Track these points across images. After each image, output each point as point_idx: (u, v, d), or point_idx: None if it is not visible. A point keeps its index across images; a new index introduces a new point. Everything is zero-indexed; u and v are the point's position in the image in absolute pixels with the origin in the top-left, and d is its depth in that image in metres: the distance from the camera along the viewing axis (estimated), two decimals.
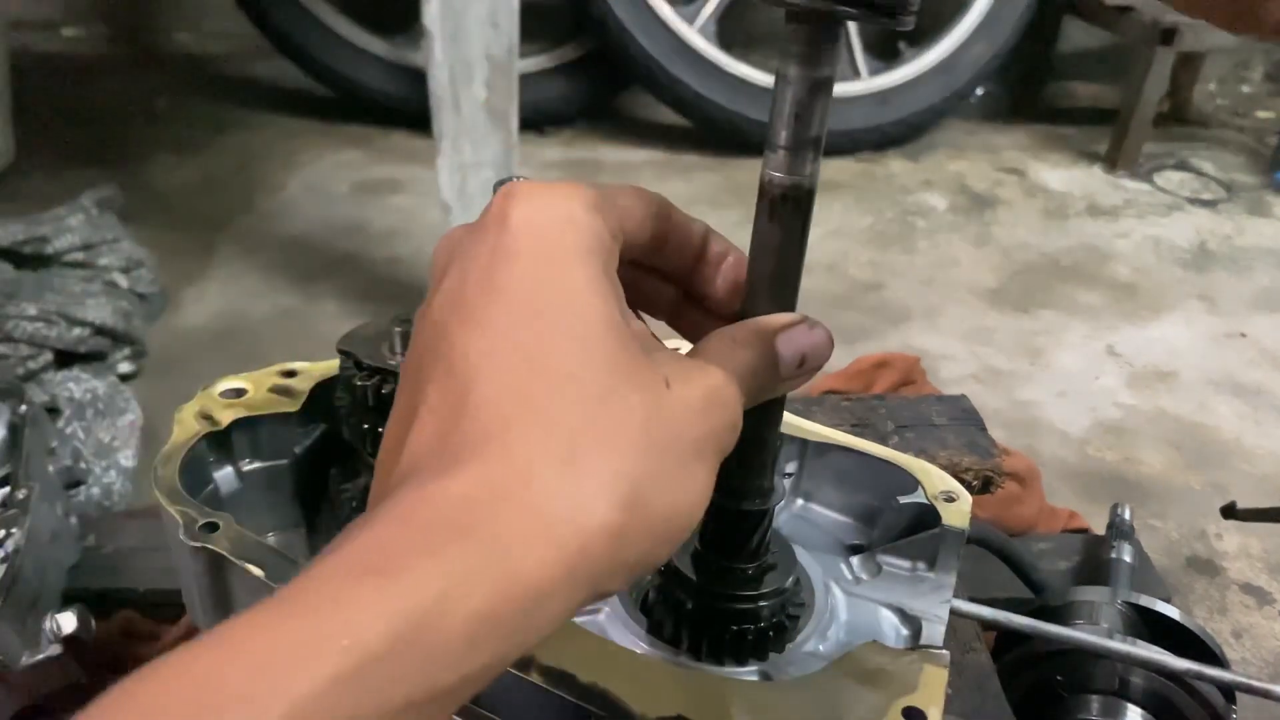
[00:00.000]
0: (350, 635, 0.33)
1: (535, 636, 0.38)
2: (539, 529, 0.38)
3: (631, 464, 0.41)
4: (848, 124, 3.05)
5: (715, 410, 0.45)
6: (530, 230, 0.44)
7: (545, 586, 0.37)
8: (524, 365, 0.42)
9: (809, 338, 0.51)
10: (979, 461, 1.21)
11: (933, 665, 0.60)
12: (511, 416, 0.40)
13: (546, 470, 0.39)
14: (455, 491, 0.38)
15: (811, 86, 0.48)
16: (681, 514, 0.43)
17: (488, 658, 0.37)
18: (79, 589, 1.10)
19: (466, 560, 0.36)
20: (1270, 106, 3.79)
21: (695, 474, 0.44)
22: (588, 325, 0.43)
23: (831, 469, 0.81)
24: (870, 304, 2.36)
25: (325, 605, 0.34)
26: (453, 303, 0.45)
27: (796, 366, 0.51)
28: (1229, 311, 2.42)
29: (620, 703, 0.55)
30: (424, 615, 0.35)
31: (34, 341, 1.74)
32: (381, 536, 0.37)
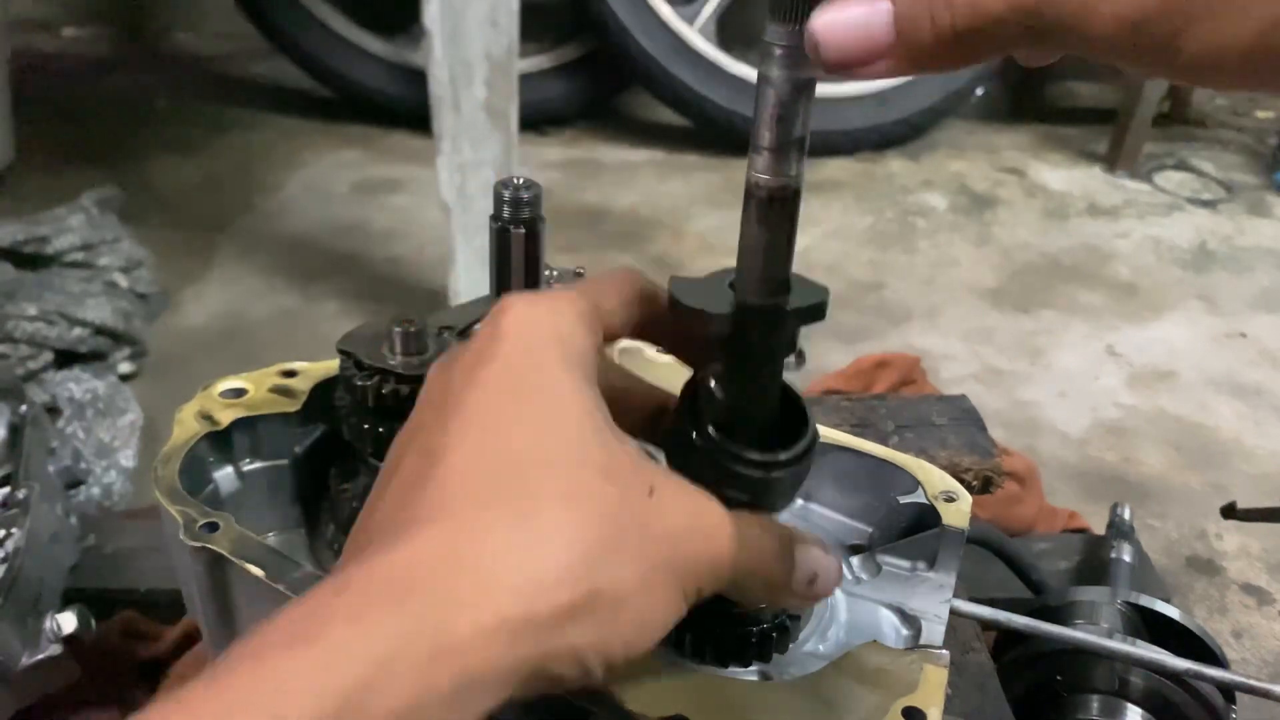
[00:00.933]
0: (277, 707, 0.33)
1: (473, 713, 0.37)
2: (481, 593, 0.37)
3: (589, 549, 0.40)
4: (847, 124, 3.05)
5: (697, 538, 0.45)
6: (518, 333, 0.46)
7: (483, 657, 0.37)
8: (496, 448, 0.42)
9: (826, 562, 0.52)
10: (979, 461, 1.21)
11: (933, 665, 0.60)
12: (474, 490, 0.40)
13: (498, 538, 0.39)
14: (400, 558, 0.38)
15: (794, 87, 0.48)
16: (640, 619, 0.42)
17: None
18: (79, 589, 1.10)
19: (401, 625, 0.36)
20: (1270, 106, 3.79)
21: (659, 588, 0.43)
22: (567, 419, 0.43)
23: (832, 469, 0.81)
24: (870, 304, 2.36)
25: (252, 677, 0.34)
26: (440, 393, 0.46)
27: (807, 584, 0.51)
28: (1229, 311, 2.42)
29: (620, 703, 0.55)
30: (352, 688, 0.34)
31: (34, 341, 1.74)
32: (315, 605, 0.37)
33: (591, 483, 0.42)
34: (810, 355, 2.03)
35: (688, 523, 0.45)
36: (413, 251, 2.42)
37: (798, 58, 0.47)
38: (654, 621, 0.43)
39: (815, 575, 0.51)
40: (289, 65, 3.11)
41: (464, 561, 0.38)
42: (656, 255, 2.49)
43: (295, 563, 0.65)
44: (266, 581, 0.64)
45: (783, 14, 0.46)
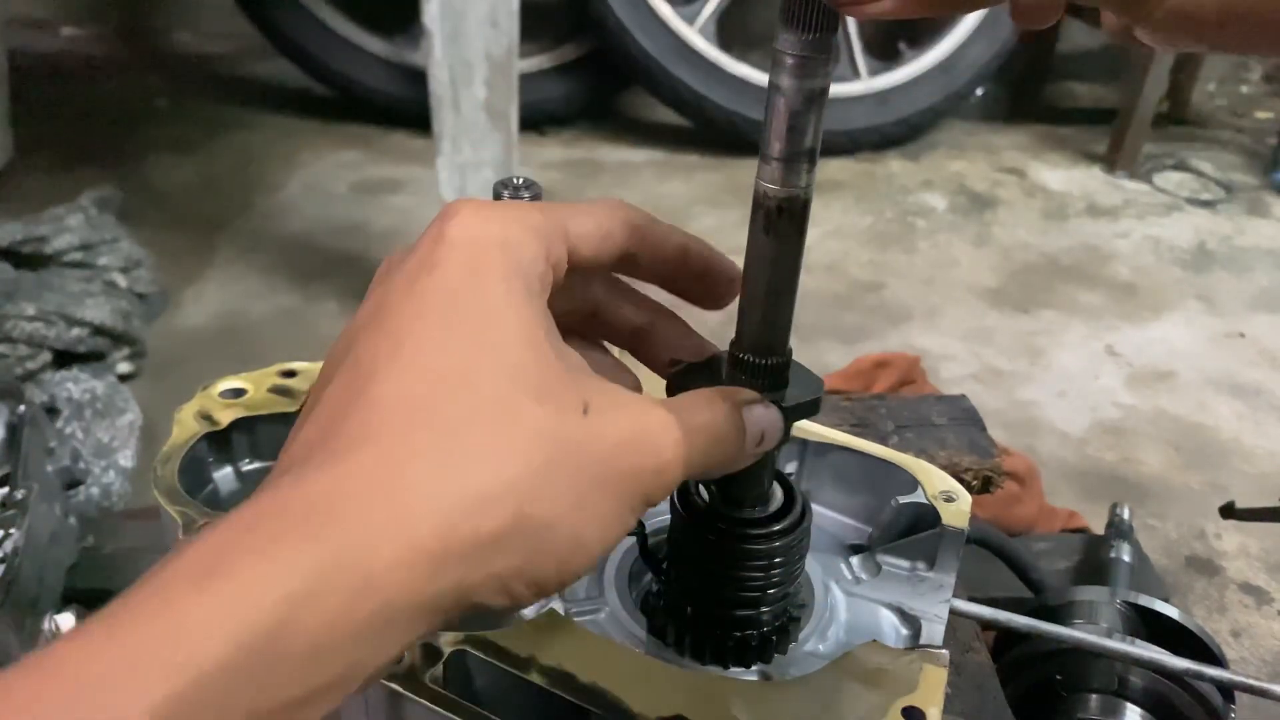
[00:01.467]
0: (184, 651, 0.32)
1: (396, 645, 0.37)
2: (400, 524, 0.36)
3: (517, 474, 0.39)
4: (848, 124, 3.05)
5: (636, 450, 0.44)
6: (459, 245, 0.44)
7: (404, 589, 0.36)
8: (424, 370, 0.41)
9: (768, 416, 0.52)
10: (978, 461, 1.21)
11: (932, 665, 0.60)
12: (399, 416, 0.39)
13: (420, 468, 0.38)
14: (318, 488, 0.37)
15: (806, 97, 0.47)
16: (574, 542, 0.41)
17: (340, 668, 0.35)
18: (78, 589, 1.10)
19: (316, 559, 0.35)
20: (1269, 107, 3.79)
21: (597, 506, 0.42)
22: (499, 337, 0.42)
23: (831, 469, 0.81)
24: (870, 304, 2.36)
25: (158, 618, 0.33)
26: (375, 307, 0.44)
27: (757, 443, 0.51)
28: (1228, 311, 2.42)
29: (620, 703, 0.55)
30: (265, 626, 0.33)
31: (33, 341, 1.74)
32: (226, 538, 0.35)
33: (521, 404, 0.40)
34: (810, 355, 2.03)
35: (627, 437, 0.43)
36: None
37: (810, 67, 0.46)
38: (591, 541, 0.42)
39: (762, 434, 0.51)
40: (289, 65, 3.11)
41: (382, 490, 0.37)
42: None
43: None
44: None
45: (796, 23, 0.45)
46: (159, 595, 0.34)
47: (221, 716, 0.32)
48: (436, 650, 0.58)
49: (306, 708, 0.35)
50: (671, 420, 0.45)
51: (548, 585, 0.41)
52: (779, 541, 0.61)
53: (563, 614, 0.65)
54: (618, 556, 0.71)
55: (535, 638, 0.60)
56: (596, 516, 0.42)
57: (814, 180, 0.51)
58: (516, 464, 0.39)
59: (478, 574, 0.38)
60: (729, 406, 0.50)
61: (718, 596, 0.63)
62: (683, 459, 0.45)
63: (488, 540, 0.38)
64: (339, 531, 0.36)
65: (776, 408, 0.53)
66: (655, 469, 0.44)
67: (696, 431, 0.46)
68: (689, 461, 0.46)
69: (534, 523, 0.39)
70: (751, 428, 0.50)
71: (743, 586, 0.62)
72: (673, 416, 0.46)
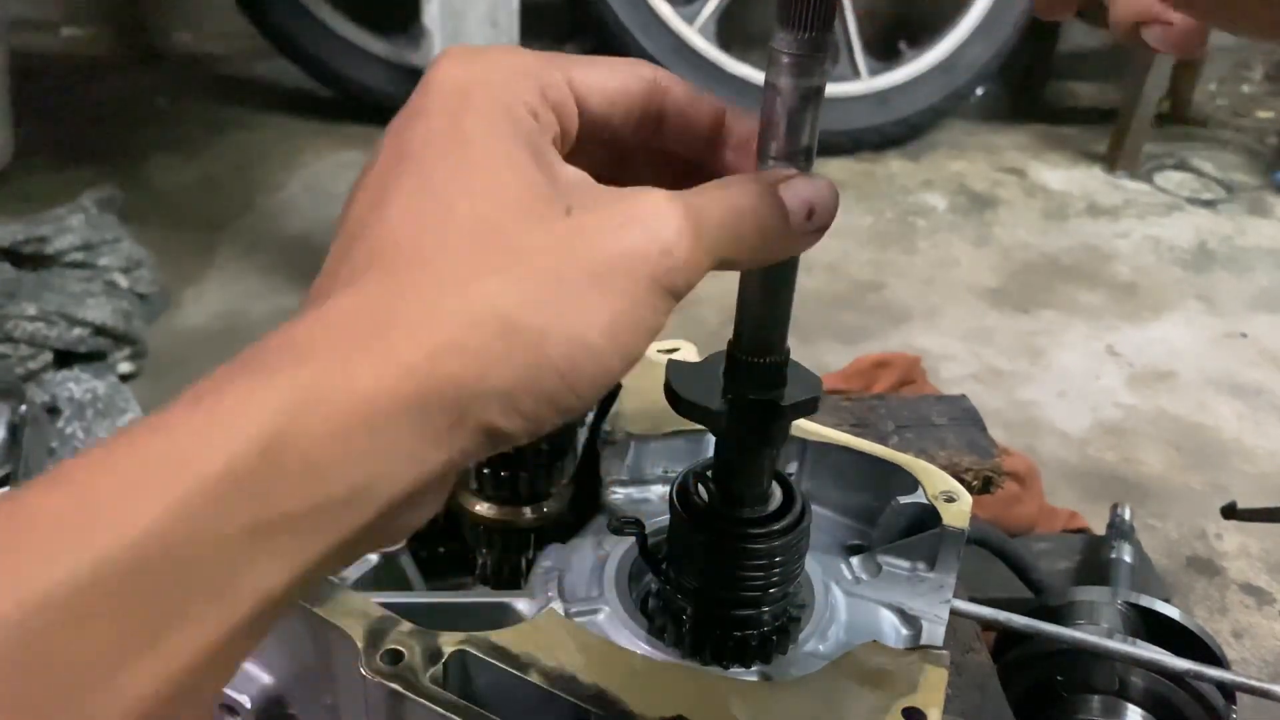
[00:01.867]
0: (181, 464, 0.33)
1: (403, 469, 0.37)
2: (384, 348, 0.37)
3: (499, 288, 0.39)
4: (848, 124, 3.05)
5: (627, 235, 0.41)
6: (441, 90, 0.44)
7: (391, 402, 0.36)
8: (405, 211, 0.41)
9: (812, 187, 0.47)
10: (979, 461, 1.21)
11: (933, 665, 0.60)
12: (381, 259, 0.40)
13: (403, 299, 0.38)
14: (302, 328, 0.38)
15: (803, 95, 0.47)
16: (575, 346, 0.39)
17: (341, 488, 0.35)
18: None
19: (304, 379, 0.35)
20: (1270, 106, 3.79)
21: (596, 305, 0.40)
22: (477, 163, 0.42)
23: (831, 469, 0.81)
24: (870, 304, 2.36)
25: (156, 437, 0.34)
26: (367, 166, 0.45)
27: (805, 218, 0.46)
28: (1229, 312, 2.42)
29: (620, 703, 0.56)
30: (259, 440, 0.34)
31: (34, 341, 1.74)
32: (218, 373, 0.36)
33: (500, 221, 0.40)
34: (810, 355, 2.03)
35: (615, 224, 0.42)
36: None
37: (807, 65, 0.46)
38: (598, 342, 0.40)
39: (811, 205, 0.46)
40: (289, 65, 3.11)
41: (366, 322, 0.38)
42: None
43: None
44: None
45: (792, 22, 0.46)
46: (157, 420, 0.35)
47: (221, 525, 0.33)
48: (437, 650, 0.59)
49: (309, 523, 0.35)
50: (669, 200, 0.43)
51: (560, 398, 0.40)
52: (778, 541, 0.61)
53: (563, 614, 0.65)
54: (618, 557, 0.71)
55: (535, 638, 0.60)
56: (599, 315, 0.40)
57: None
58: (497, 279, 0.39)
59: (476, 392, 0.38)
60: (760, 186, 0.46)
61: (717, 596, 0.63)
62: (693, 235, 0.42)
63: (477, 356, 0.37)
64: (325, 356, 0.36)
65: (826, 180, 0.47)
66: (661, 250, 0.41)
67: (709, 207, 0.44)
68: (706, 238, 0.43)
69: (525, 333, 0.38)
70: (794, 202, 0.46)
71: (742, 586, 0.62)
72: (673, 198, 0.43)
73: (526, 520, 0.73)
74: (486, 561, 0.76)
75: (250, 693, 0.71)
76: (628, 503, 0.79)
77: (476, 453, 0.39)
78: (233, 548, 0.34)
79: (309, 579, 0.36)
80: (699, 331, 0.59)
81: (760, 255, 0.47)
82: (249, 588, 0.34)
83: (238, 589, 0.34)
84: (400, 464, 0.37)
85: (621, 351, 0.41)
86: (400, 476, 0.37)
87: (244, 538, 0.34)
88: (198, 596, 0.33)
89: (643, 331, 0.42)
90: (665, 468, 0.80)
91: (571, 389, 0.40)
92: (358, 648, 0.59)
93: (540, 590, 0.68)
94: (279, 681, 0.71)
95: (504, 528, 0.74)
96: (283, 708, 0.72)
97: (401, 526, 0.40)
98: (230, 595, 0.34)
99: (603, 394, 0.42)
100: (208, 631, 0.33)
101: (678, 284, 0.42)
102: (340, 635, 0.60)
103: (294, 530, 0.35)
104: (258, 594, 0.34)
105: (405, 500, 0.38)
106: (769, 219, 0.45)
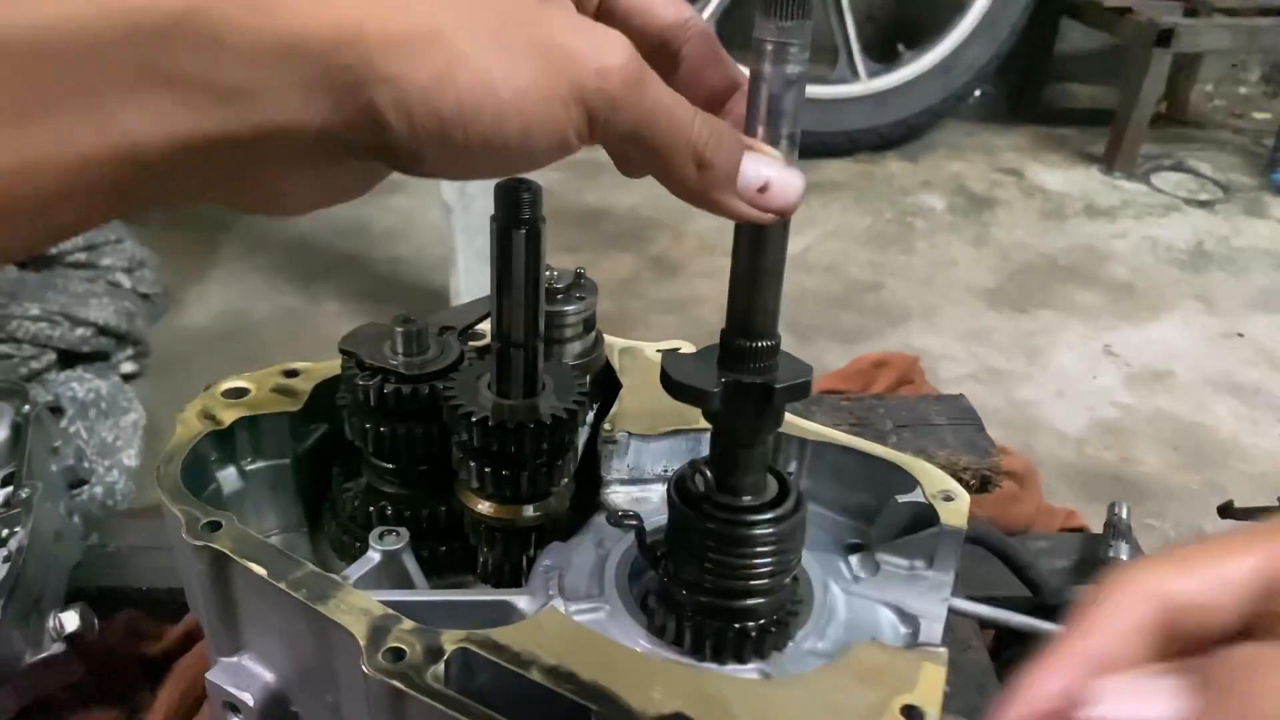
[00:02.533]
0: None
1: (278, 88, 0.37)
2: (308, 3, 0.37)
3: (451, 3, 0.39)
4: (846, 125, 3.05)
5: (578, 35, 0.41)
6: None
7: (298, 33, 0.36)
8: None
9: (778, 170, 0.47)
10: (977, 460, 1.22)
11: (931, 663, 0.61)
12: None
13: None
14: None
15: (785, 81, 0.49)
16: (484, 85, 0.39)
17: (231, 80, 0.36)
18: (82, 588, 1.10)
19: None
20: (1267, 108, 3.80)
21: (521, 65, 0.39)
22: None
23: (830, 468, 0.81)
24: (869, 304, 2.36)
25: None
26: None
27: (757, 190, 0.46)
28: (1226, 312, 2.42)
29: (620, 701, 0.56)
30: (186, 3, 0.35)
31: (37, 341, 1.74)
32: None
33: None
34: (809, 355, 2.03)
35: (572, 23, 0.41)
36: (413, 251, 2.42)
37: (788, 53, 0.48)
38: (505, 97, 0.39)
39: (768, 183, 0.46)
40: None
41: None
42: (656, 255, 2.50)
43: (297, 561, 0.65)
44: (268, 580, 0.64)
45: (773, 9, 0.47)
46: None
47: (115, 53, 0.35)
48: (439, 648, 0.59)
49: (194, 97, 0.36)
50: (632, 48, 0.42)
51: (450, 129, 0.39)
52: (774, 528, 0.62)
53: (563, 612, 0.65)
54: (618, 555, 0.71)
55: (536, 636, 0.60)
56: (517, 77, 0.39)
57: (795, 164, 0.52)
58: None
59: (379, 68, 0.37)
60: (726, 127, 0.45)
61: (715, 586, 0.63)
62: (633, 85, 0.41)
63: (397, 39, 0.38)
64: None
65: (797, 173, 0.48)
66: (598, 69, 0.41)
67: (667, 90, 0.43)
68: (642, 101, 0.42)
69: (449, 47, 0.38)
70: (752, 169, 0.46)
71: (739, 575, 0.63)
72: (637, 53, 0.42)
73: (527, 519, 0.74)
74: (487, 560, 0.76)
75: (252, 690, 0.72)
76: (628, 502, 0.79)
77: (356, 137, 0.39)
78: (115, 80, 0.35)
79: (181, 155, 0.37)
80: (699, 331, 0.59)
81: (689, 181, 0.45)
82: (119, 126, 0.35)
83: (107, 119, 0.35)
84: (288, 92, 0.37)
85: (521, 123, 0.40)
86: (284, 104, 0.37)
87: (129, 76, 0.35)
88: (66, 106, 0.34)
89: (548, 124, 0.41)
90: (665, 467, 0.81)
91: (463, 124, 0.39)
92: (359, 645, 0.59)
93: (541, 588, 0.69)
94: (281, 680, 0.72)
95: (505, 526, 0.74)
96: (285, 706, 0.73)
97: (271, 175, 0.40)
98: (99, 122, 0.35)
99: (490, 164, 0.42)
100: (69, 143, 0.35)
101: (596, 107, 0.41)
102: (342, 633, 0.61)
103: (177, 92, 0.36)
104: (127, 138, 0.35)
105: (281, 134, 0.38)
106: (715, 155, 0.44)
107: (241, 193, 0.41)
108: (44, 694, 0.98)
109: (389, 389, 0.75)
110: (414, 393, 0.75)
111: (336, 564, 0.82)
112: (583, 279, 0.83)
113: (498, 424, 0.68)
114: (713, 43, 0.52)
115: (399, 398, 0.75)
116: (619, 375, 0.87)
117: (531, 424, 0.69)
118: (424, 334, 0.77)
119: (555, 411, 0.70)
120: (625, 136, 0.43)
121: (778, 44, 0.48)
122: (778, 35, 0.48)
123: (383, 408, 0.75)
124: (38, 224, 0.36)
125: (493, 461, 0.71)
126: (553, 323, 0.80)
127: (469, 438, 0.70)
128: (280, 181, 0.41)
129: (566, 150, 0.42)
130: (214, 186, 0.40)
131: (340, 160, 0.41)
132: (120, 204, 0.38)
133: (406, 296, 2.22)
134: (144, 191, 0.38)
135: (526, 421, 0.69)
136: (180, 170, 0.37)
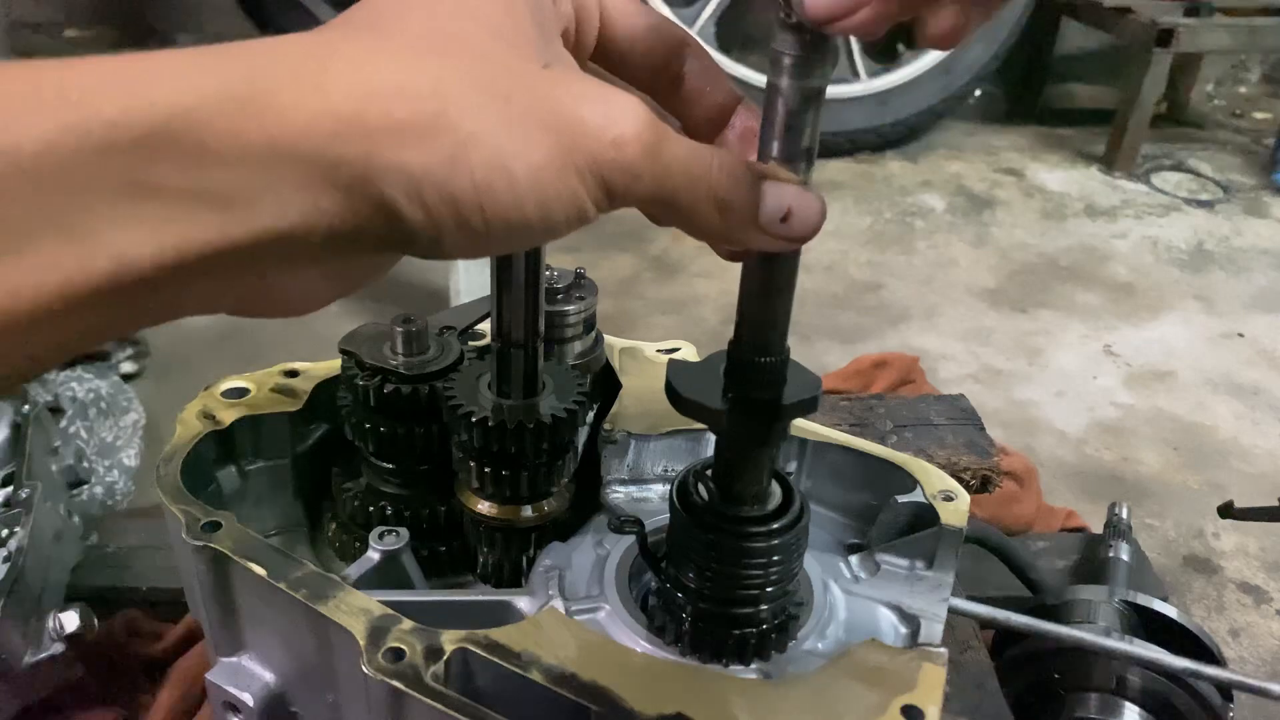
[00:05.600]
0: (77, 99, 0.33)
1: (277, 189, 0.36)
2: (313, 81, 0.36)
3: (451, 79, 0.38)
4: (846, 125, 3.05)
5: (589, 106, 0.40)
6: None
7: (295, 133, 0.35)
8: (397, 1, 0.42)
9: (799, 196, 0.46)
10: (977, 461, 1.22)
11: (931, 663, 0.61)
12: (356, 21, 0.41)
13: (355, 52, 0.39)
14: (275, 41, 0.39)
15: (804, 96, 0.47)
16: (497, 165, 0.38)
17: (223, 184, 0.35)
18: (82, 587, 1.10)
19: (233, 75, 0.36)
20: (1267, 108, 3.80)
21: (534, 143, 0.38)
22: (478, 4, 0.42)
23: (830, 468, 0.81)
24: (869, 304, 2.36)
25: (70, 71, 0.34)
26: None
27: (779, 220, 0.45)
28: (1226, 312, 2.42)
29: (620, 701, 0.56)
30: (168, 110, 0.34)
31: None
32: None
33: (477, 35, 0.40)
34: (809, 355, 2.03)
35: (583, 92, 0.40)
36: None
37: (808, 67, 0.47)
38: (520, 175, 0.38)
39: (790, 210, 0.45)
40: None
41: (316, 53, 0.38)
42: (656, 255, 2.50)
43: (297, 561, 0.65)
44: (268, 580, 0.64)
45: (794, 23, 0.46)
46: (84, 60, 0.34)
47: (97, 169, 0.33)
48: (439, 648, 0.59)
49: (183, 206, 0.34)
50: (646, 110, 0.41)
51: (466, 211, 0.38)
52: (778, 539, 0.62)
53: (563, 613, 0.65)
54: (618, 555, 0.71)
55: (536, 636, 0.60)
56: (531, 153, 0.38)
57: (811, 179, 0.51)
58: (453, 72, 0.38)
59: (387, 160, 0.36)
60: (742, 165, 0.44)
61: (717, 594, 0.63)
62: (650, 150, 0.41)
63: (402, 126, 0.37)
64: (263, 69, 0.36)
65: (818, 196, 0.47)
66: (613, 139, 0.40)
67: (681, 143, 0.42)
68: (659, 162, 0.41)
69: (456, 129, 0.37)
70: (773, 199, 0.45)
71: (742, 584, 0.63)
72: (650, 112, 0.41)
73: (527, 519, 0.74)
74: (487, 560, 0.76)
75: (252, 690, 0.72)
76: (628, 502, 0.79)
77: (368, 230, 0.38)
78: (100, 196, 0.33)
79: (175, 269, 0.35)
80: (699, 331, 0.59)
81: (713, 227, 0.45)
82: (108, 244, 0.33)
83: (96, 240, 0.33)
84: (289, 194, 0.36)
85: (538, 199, 0.39)
86: (285, 207, 0.36)
87: (114, 191, 0.33)
88: (51, 230, 0.33)
89: (565, 198, 0.40)
90: (665, 467, 0.81)
91: (480, 207, 0.38)
92: (359, 646, 0.59)
93: (541, 589, 0.69)
94: (281, 680, 0.72)
95: (505, 526, 0.74)
96: (285, 706, 0.73)
97: (276, 279, 0.39)
98: (88, 244, 0.33)
99: (509, 242, 0.41)
100: (58, 269, 0.33)
101: (613, 181, 0.40)
102: (342, 633, 0.61)
103: (166, 204, 0.34)
104: (118, 255, 0.34)
105: (286, 238, 0.36)
106: (734, 196, 0.44)
107: (245, 299, 0.40)
108: (44, 694, 0.98)
109: (389, 389, 0.75)
110: (414, 393, 0.75)
111: (336, 564, 0.82)
112: (583, 279, 0.83)
113: (498, 424, 0.68)
114: (708, 57, 0.52)
115: (399, 398, 0.75)
116: (619, 375, 0.87)
117: (531, 424, 0.69)
118: (424, 334, 0.77)
119: (555, 411, 0.70)
120: (646, 200, 0.42)
121: (797, 57, 0.46)
122: (798, 49, 0.46)
123: (383, 408, 0.75)
124: (31, 347, 0.35)
125: (493, 462, 0.71)
126: (553, 323, 0.80)
127: (469, 438, 0.70)
128: (287, 284, 0.40)
129: (585, 221, 0.41)
130: (217, 296, 0.39)
131: (350, 255, 0.40)
132: (118, 323, 0.36)
133: (406, 296, 2.22)
134: (142, 308, 0.36)
135: (526, 421, 0.69)
136: (177, 283, 0.36)
